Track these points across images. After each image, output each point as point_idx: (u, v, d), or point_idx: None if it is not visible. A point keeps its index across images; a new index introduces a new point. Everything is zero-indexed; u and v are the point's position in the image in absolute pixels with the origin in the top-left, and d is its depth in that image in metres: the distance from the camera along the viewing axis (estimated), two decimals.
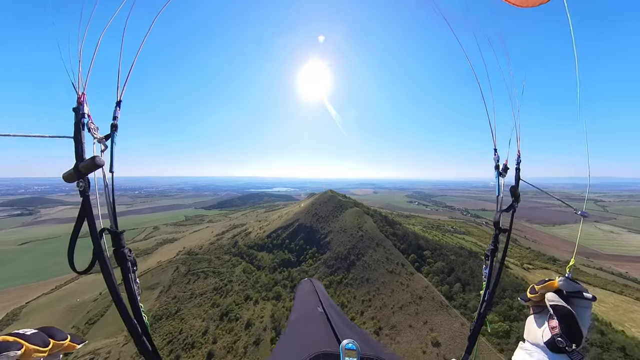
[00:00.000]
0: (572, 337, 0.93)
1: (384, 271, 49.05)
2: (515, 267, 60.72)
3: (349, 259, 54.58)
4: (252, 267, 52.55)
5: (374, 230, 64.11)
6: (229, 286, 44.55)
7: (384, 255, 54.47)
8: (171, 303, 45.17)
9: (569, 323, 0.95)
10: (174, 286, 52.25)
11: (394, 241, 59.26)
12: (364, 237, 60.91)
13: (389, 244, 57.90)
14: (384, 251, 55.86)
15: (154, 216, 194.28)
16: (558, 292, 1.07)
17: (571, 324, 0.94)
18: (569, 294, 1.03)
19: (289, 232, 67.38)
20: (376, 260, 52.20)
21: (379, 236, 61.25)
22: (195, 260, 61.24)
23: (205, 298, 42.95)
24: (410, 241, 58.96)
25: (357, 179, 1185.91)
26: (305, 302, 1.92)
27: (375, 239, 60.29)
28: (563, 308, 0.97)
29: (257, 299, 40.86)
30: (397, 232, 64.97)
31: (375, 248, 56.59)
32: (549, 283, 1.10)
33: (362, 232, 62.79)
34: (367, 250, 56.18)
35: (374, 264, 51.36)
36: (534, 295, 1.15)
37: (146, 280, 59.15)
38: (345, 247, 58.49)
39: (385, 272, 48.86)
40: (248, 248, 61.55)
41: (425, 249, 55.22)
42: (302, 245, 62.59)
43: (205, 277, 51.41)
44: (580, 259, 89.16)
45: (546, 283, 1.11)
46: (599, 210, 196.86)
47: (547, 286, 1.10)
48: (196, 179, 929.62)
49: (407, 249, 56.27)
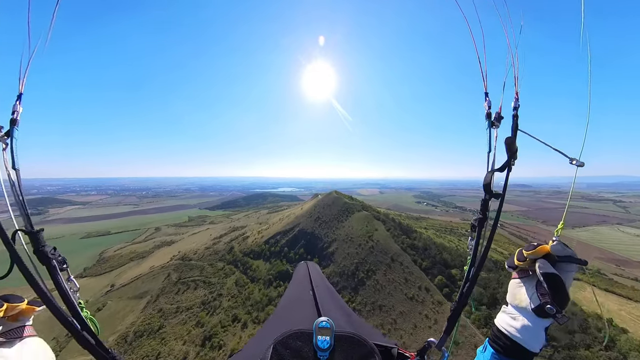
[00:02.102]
0: (560, 303, 0.96)
1: (402, 297, 39.88)
2: None
3: (357, 276, 45.31)
4: (245, 279, 47.02)
5: (387, 240, 54.41)
6: (217, 301, 39.63)
7: (401, 274, 44.77)
8: (155, 317, 40.77)
9: (558, 289, 0.97)
10: (162, 296, 47.97)
11: (413, 256, 49.44)
12: (375, 248, 51.24)
13: (407, 260, 48.16)
14: (402, 269, 46.00)
15: (158, 217, 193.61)
16: (546, 257, 1.06)
17: (560, 290, 0.97)
18: (559, 258, 1.02)
19: (289, 239, 60.98)
20: (391, 281, 43.01)
21: (393, 248, 51.52)
22: (188, 267, 56.97)
23: (191, 314, 38.32)
24: (434, 256, 48.71)
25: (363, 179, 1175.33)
26: (297, 284, 1.87)
27: (389, 251, 50.50)
28: (554, 275, 0.98)
29: (246, 321, 34.91)
30: (416, 243, 54.09)
31: (390, 264, 46.98)
32: (540, 248, 1.05)
33: (373, 242, 53.29)
34: (379, 267, 46.72)
35: (389, 285, 42.42)
36: (522, 263, 1.11)
37: (136, 288, 55.41)
38: (353, 261, 49.32)
39: (404, 298, 39.70)
40: (243, 255, 56.19)
41: (452, 265, 45.58)
42: (302, 254, 54.97)
43: (195, 287, 46.89)
44: (610, 267, 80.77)
45: (536, 249, 1.06)
46: (620, 212, 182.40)
47: (537, 252, 1.05)
48: (203, 180, 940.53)
49: (431, 268, 45.99)
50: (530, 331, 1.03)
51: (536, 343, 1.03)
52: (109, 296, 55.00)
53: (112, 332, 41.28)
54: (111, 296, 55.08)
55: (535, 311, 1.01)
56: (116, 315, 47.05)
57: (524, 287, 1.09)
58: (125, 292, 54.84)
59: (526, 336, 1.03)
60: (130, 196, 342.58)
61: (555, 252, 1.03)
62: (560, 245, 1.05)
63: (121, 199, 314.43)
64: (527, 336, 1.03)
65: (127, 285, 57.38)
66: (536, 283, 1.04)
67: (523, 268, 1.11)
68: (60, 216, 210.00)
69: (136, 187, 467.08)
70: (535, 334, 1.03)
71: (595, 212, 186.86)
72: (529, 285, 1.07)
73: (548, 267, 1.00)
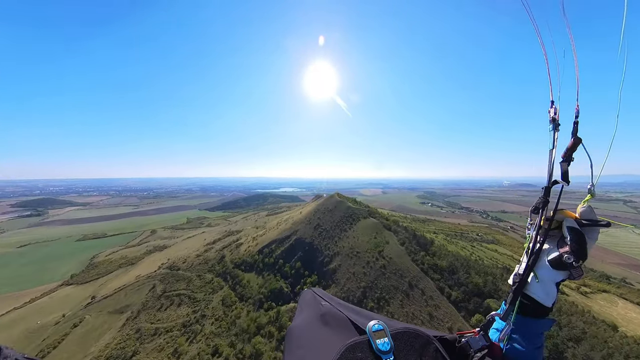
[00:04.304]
0: (579, 255, 1.00)
1: None
2: (572, 292, 47.38)
3: (365, 306, 34.28)
4: (233, 297, 41.02)
5: (402, 257, 44.26)
6: (199, 324, 34.31)
7: (424, 307, 34.09)
8: (132, 339, 35.91)
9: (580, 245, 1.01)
10: (144, 312, 43.14)
11: (438, 280, 39.53)
12: (388, 269, 41.26)
13: (431, 287, 37.85)
14: (424, 300, 35.21)
15: (157, 218, 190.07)
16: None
17: (582, 247, 1.01)
18: (586, 221, 1.06)
19: (285, 249, 53.89)
20: (411, 317, 32.70)
21: (411, 270, 41.39)
22: (175, 277, 52.06)
23: (169, 338, 33.28)
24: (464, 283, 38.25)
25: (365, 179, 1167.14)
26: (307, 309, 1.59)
27: (406, 274, 40.24)
28: (580, 233, 1.04)
29: (228, 355, 28.46)
30: (439, 262, 43.16)
31: (408, 292, 36.70)
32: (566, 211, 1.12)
33: (384, 259, 43.32)
34: (394, 295, 36.39)
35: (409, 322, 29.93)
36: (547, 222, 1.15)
37: (118, 301, 50.78)
38: (359, 284, 39.15)
39: None
40: (234, 267, 50.64)
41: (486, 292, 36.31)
42: (298, 269, 46.92)
43: (179, 303, 41.88)
44: (635, 275, 74.72)
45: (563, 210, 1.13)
46: (632, 213, 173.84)
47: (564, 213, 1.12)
48: (205, 180, 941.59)
49: (463, 300, 35.59)
50: (543, 284, 1.06)
51: (548, 297, 1.05)
52: (88, 309, 50.38)
53: (84, 356, 36.53)
54: (91, 309, 50.46)
55: (551, 262, 1.05)
56: (92, 333, 42.39)
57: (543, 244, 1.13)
58: (107, 305, 50.19)
59: (538, 290, 1.07)
60: (131, 197, 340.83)
61: (584, 215, 1.07)
62: (589, 209, 1.08)
63: (122, 200, 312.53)
64: (540, 290, 1.06)
65: (109, 297, 52.76)
66: (558, 240, 1.09)
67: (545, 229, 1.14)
68: (59, 217, 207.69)
69: (138, 188, 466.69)
70: (547, 287, 1.05)
71: (605, 213, 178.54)
72: (550, 243, 1.12)
73: (574, 224, 1.06)
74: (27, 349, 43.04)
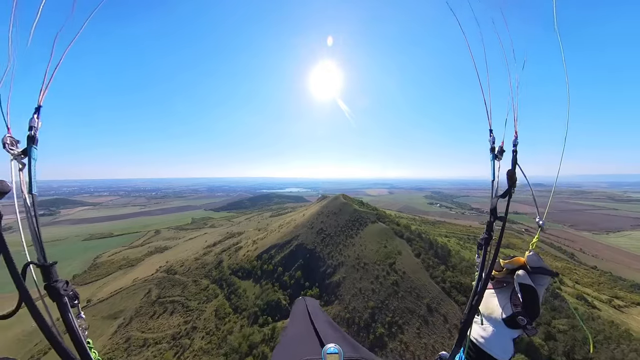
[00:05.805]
0: (532, 314, 0.99)
1: None
2: (604, 306, 42.34)
3: (374, 331, 29.59)
4: (227, 308, 38.07)
5: (418, 272, 38.51)
6: (189, 337, 31.87)
7: (447, 337, 29.05)
8: (120, 349, 33.87)
9: (532, 301, 1.00)
10: (136, 319, 41.15)
11: (463, 305, 28.60)
12: (401, 286, 35.54)
13: (455, 312, 32.58)
14: (447, 329, 29.99)
15: (163, 218, 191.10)
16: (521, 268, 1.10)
17: (534, 303, 1.00)
18: (533, 269, 1.05)
19: (284, 255, 50.02)
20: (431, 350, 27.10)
21: (430, 289, 35.43)
22: (171, 282, 50.05)
23: (157, 351, 30.97)
24: None
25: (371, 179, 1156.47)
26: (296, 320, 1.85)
27: (424, 294, 34.35)
28: (530, 287, 1.01)
29: None
30: (462, 280, 36.81)
31: (427, 317, 31.21)
32: (515, 259, 1.11)
33: (397, 274, 37.62)
34: (409, 319, 30.87)
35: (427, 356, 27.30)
36: (498, 273, 1.16)
37: (113, 305, 49.12)
38: (367, 303, 33.49)
39: None
40: (231, 273, 48.29)
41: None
42: (298, 279, 42.72)
43: (172, 311, 39.65)
44: None
45: (512, 259, 1.12)
46: None
47: (513, 262, 1.11)
48: (212, 180, 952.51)
49: None
50: (499, 341, 1.06)
51: (504, 353, 1.05)
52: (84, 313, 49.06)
53: None
54: (86, 313, 48.47)
55: (505, 321, 1.05)
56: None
57: (497, 298, 1.13)
58: (102, 309, 48.60)
59: (495, 346, 1.06)
60: (139, 197, 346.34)
61: (531, 263, 1.06)
62: (535, 256, 1.07)
63: (131, 200, 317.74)
64: (496, 346, 1.06)
65: (105, 301, 51.24)
66: (511, 293, 1.09)
67: (499, 279, 1.15)
68: (69, 217, 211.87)
69: (147, 188, 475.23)
70: (503, 344, 1.05)
71: (628, 215, 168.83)
72: (502, 296, 1.11)
73: (526, 279, 1.04)
74: (18, 354, 41.65)
